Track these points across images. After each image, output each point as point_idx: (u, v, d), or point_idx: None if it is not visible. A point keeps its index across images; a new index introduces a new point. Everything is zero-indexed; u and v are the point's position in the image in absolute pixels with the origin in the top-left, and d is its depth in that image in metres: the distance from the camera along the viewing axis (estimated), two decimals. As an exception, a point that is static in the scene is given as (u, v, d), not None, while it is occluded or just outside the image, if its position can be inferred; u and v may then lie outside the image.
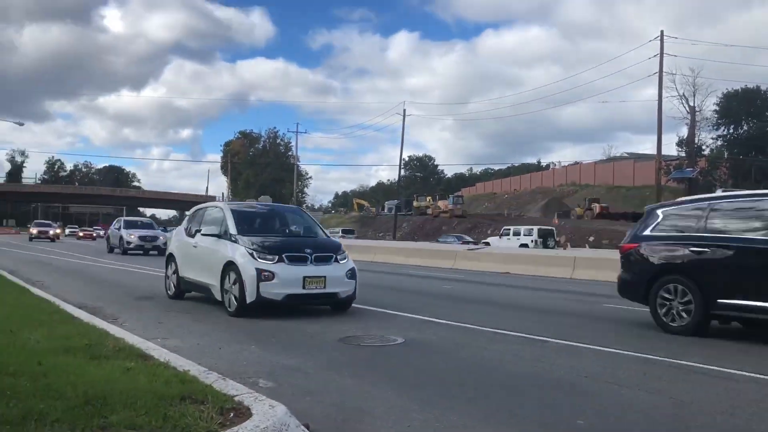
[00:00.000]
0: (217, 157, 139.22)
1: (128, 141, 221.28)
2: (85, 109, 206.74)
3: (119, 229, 30.87)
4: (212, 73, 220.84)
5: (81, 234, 73.00)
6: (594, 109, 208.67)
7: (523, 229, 40.59)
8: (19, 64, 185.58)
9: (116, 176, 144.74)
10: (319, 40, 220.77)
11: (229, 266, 9.37)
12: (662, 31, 42.38)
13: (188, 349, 6.62)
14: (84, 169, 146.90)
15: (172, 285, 11.52)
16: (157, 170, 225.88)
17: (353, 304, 10.23)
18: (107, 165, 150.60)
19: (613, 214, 63.09)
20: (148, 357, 5.51)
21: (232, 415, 3.88)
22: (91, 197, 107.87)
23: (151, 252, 29.06)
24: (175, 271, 11.33)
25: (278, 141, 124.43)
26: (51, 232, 49.91)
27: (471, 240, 49.85)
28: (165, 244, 27.78)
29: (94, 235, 73.50)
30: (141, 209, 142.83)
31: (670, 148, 68.97)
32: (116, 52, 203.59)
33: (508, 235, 40.01)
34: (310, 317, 9.26)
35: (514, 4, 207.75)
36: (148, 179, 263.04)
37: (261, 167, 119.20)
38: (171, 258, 11.70)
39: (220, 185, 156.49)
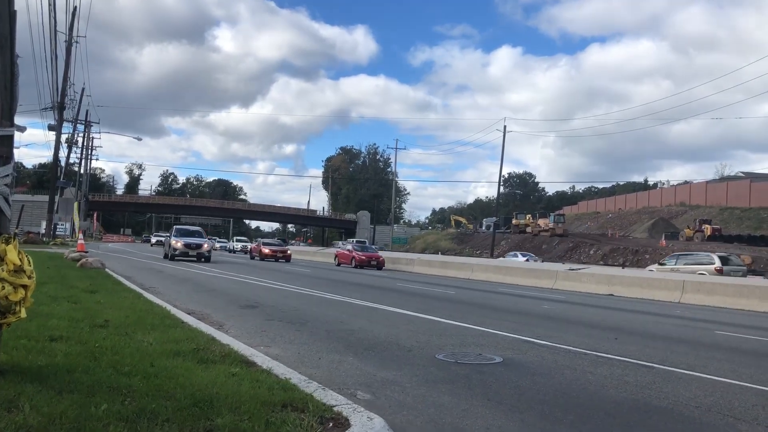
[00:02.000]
0: (319, 172, 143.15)
1: (236, 156, 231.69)
2: (197, 125, 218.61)
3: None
4: (316, 90, 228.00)
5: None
6: (707, 125, 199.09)
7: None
8: (139, 83, 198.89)
9: (224, 189, 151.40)
10: (420, 56, 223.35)
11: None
12: (784, 44, 39.70)
13: (289, 357, 6.78)
14: (195, 182, 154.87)
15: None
16: (262, 184, 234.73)
17: (452, 322, 10.09)
18: (216, 179, 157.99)
19: (726, 237, 59.53)
20: (252, 363, 5.69)
21: (331, 425, 3.94)
22: (201, 209, 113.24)
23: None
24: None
25: (378, 157, 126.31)
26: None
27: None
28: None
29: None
30: (246, 221, 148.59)
31: (792, 168, 64.42)
32: (227, 70, 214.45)
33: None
34: (408, 332, 9.28)
35: (623, 17, 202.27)
36: (253, 192, 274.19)
37: (360, 182, 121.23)
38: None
39: (321, 199, 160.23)
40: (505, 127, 66.16)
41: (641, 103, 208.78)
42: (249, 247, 56.79)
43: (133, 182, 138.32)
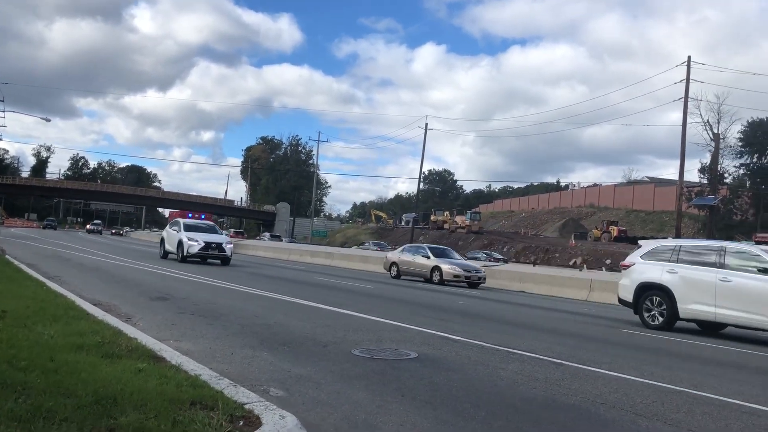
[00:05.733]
0: (238, 161, 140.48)
1: (151, 141, 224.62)
2: (111, 107, 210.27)
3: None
4: (237, 76, 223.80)
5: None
6: (617, 130, 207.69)
7: None
8: (47, 60, 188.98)
9: (138, 176, 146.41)
10: (345, 48, 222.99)
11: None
12: (689, 57, 42.01)
13: (200, 352, 6.58)
14: (107, 167, 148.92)
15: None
16: (178, 172, 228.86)
17: (370, 317, 10.10)
18: (130, 164, 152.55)
19: (630, 238, 62.43)
20: (160, 359, 5.48)
21: (241, 423, 3.82)
22: (112, 195, 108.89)
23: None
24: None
25: (299, 148, 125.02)
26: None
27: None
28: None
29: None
30: (160, 209, 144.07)
31: (693, 175, 68.37)
32: (144, 52, 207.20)
33: None
34: (324, 327, 9.20)
35: (543, 21, 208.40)
36: (168, 180, 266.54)
37: (281, 174, 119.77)
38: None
39: (239, 190, 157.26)
40: (426, 124, 66.96)
41: (557, 107, 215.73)
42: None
43: (41, 165, 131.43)
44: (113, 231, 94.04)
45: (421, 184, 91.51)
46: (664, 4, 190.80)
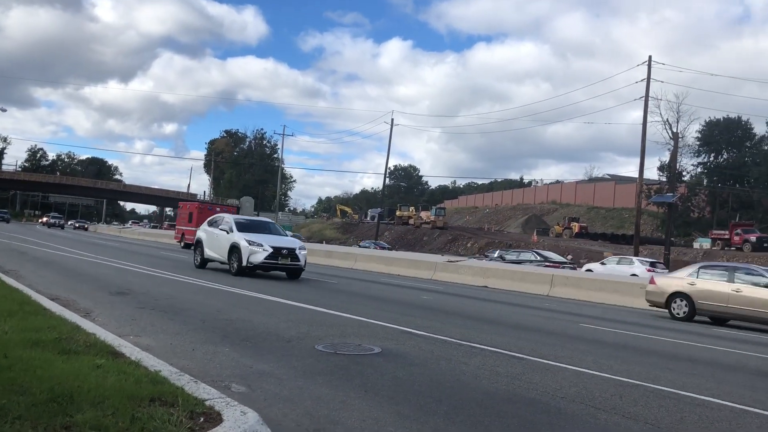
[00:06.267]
0: (201, 154, 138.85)
1: (112, 133, 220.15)
2: (71, 98, 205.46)
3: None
4: (201, 68, 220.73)
5: None
6: (579, 128, 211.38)
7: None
8: (3, 48, 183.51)
9: (98, 168, 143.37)
10: (311, 42, 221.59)
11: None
12: (650, 57, 42.69)
13: (161, 348, 6.49)
14: (66, 159, 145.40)
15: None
16: (140, 164, 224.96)
17: (333, 312, 10.09)
18: (90, 156, 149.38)
19: (591, 234, 63.60)
20: (119, 354, 5.38)
21: (202, 420, 3.77)
22: (72, 188, 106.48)
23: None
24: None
25: (264, 142, 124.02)
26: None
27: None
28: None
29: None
30: (121, 203, 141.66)
31: (652, 172, 70.05)
32: (105, 42, 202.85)
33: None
34: (288, 323, 9.15)
35: (508, 19, 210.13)
36: (130, 173, 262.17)
37: (245, 167, 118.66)
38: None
39: (202, 183, 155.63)
40: (392, 119, 67.07)
41: (521, 104, 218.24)
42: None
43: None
44: (77, 225, 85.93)
45: (387, 180, 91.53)
46: (627, 3, 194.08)
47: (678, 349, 10.08)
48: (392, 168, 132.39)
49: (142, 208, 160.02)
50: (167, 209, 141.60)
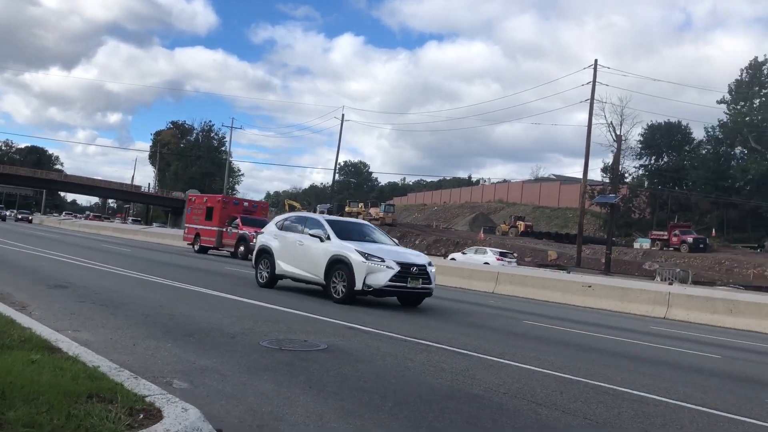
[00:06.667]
0: (146, 145, 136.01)
1: (53, 122, 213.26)
2: (9, 83, 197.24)
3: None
4: (148, 58, 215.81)
5: None
6: (527, 129, 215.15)
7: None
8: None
9: (38, 157, 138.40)
10: (262, 34, 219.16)
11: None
12: (596, 60, 43.83)
13: (100, 343, 6.32)
14: (4, 148, 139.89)
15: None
16: (82, 154, 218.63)
17: (280, 307, 10.01)
18: (29, 145, 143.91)
19: (536, 233, 64.85)
20: (56, 349, 5.22)
21: (141, 416, 3.69)
22: (9, 177, 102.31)
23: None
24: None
25: (211, 134, 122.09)
26: None
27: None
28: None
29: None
30: (62, 194, 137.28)
31: (596, 174, 71.93)
32: (47, 26, 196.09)
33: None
34: (233, 318, 9.03)
35: (460, 18, 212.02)
36: (71, 163, 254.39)
37: (191, 160, 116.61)
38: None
39: (147, 175, 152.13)
40: (343, 115, 67.04)
41: (471, 103, 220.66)
42: None
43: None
44: (20, 216, 77.16)
45: (337, 175, 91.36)
46: (575, 7, 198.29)
47: (620, 347, 10.36)
48: (342, 164, 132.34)
49: (84, 200, 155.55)
50: (110, 201, 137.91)
